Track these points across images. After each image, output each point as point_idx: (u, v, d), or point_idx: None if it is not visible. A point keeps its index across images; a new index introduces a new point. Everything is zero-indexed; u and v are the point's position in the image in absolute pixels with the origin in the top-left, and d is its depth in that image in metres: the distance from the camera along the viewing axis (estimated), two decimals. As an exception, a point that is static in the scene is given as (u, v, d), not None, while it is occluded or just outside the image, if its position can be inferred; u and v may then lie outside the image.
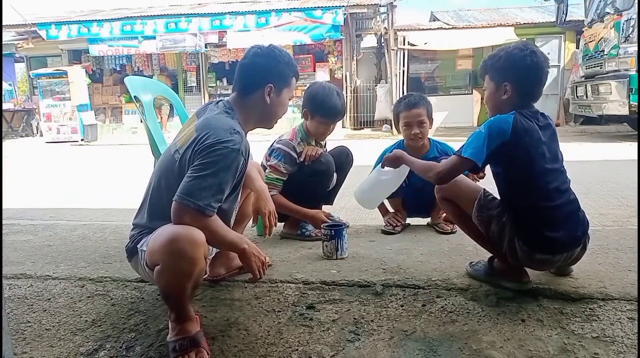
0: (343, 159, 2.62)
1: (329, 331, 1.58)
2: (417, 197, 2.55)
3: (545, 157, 1.63)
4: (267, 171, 2.42)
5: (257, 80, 1.65)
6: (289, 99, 1.77)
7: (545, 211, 1.61)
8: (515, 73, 1.67)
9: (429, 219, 2.70)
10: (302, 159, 2.44)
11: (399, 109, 2.55)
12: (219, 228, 1.50)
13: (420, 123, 2.47)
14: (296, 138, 2.48)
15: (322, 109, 2.42)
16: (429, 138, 2.59)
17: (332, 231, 2.11)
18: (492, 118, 1.70)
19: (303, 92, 2.58)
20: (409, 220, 2.69)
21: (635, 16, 7.26)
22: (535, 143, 1.62)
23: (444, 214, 2.56)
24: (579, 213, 1.67)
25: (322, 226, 2.19)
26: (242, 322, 1.64)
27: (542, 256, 1.63)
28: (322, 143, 2.60)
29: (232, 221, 1.82)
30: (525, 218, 1.64)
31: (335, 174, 2.54)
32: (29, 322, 1.71)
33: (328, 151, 2.62)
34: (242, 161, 1.55)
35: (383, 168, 2.15)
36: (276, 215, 1.89)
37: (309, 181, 2.42)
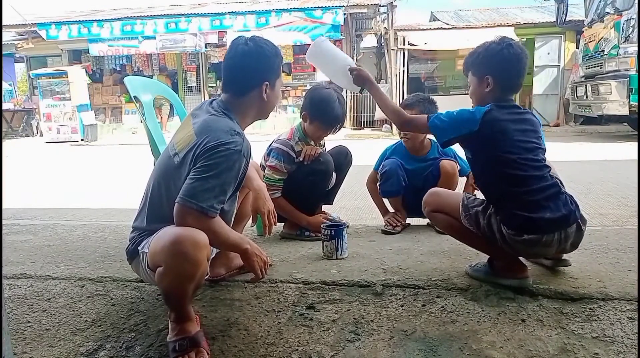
0: (342, 159, 2.61)
1: (329, 331, 1.58)
2: (417, 197, 2.54)
3: (520, 147, 1.67)
4: (266, 171, 2.42)
5: (252, 82, 1.64)
6: (281, 87, 1.77)
7: (523, 196, 1.64)
8: (495, 65, 1.74)
9: (428, 220, 2.70)
10: (301, 159, 2.44)
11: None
12: (221, 229, 1.50)
13: None
14: (294, 138, 2.48)
15: (323, 118, 2.42)
16: (431, 140, 2.59)
17: (332, 231, 2.11)
18: (467, 108, 1.78)
19: (303, 93, 2.58)
20: (408, 220, 2.69)
21: (635, 16, 7.27)
22: (506, 134, 1.67)
23: None
24: (561, 196, 1.67)
25: (322, 226, 2.19)
26: (242, 322, 1.64)
27: (529, 236, 1.63)
28: (321, 142, 2.60)
29: (232, 221, 1.82)
30: (504, 203, 1.67)
31: (334, 174, 2.54)
32: (29, 322, 1.71)
33: (327, 150, 2.62)
34: (244, 162, 1.54)
35: (352, 73, 2.02)
36: (275, 214, 1.89)
37: (308, 180, 2.42)
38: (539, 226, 1.62)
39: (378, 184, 2.63)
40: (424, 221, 2.72)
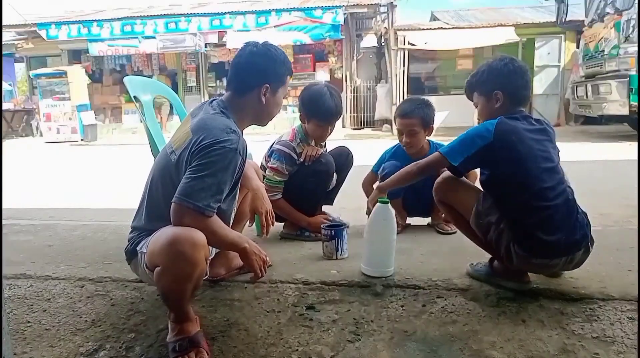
0: (343, 160, 2.61)
1: (329, 331, 1.58)
2: (417, 197, 2.54)
3: (537, 156, 1.64)
4: (267, 173, 2.42)
5: (253, 80, 1.64)
6: (283, 97, 1.76)
7: (540, 211, 1.59)
8: (502, 80, 1.73)
9: (429, 220, 2.69)
10: (302, 160, 2.44)
11: (395, 113, 2.56)
12: (219, 228, 1.49)
13: (410, 133, 2.45)
14: (296, 139, 2.47)
15: (317, 113, 2.41)
16: (429, 141, 2.58)
17: (333, 231, 2.11)
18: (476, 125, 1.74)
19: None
20: (409, 220, 2.69)
21: (635, 16, 7.26)
22: (524, 142, 1.63)
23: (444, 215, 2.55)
24: (578, 216, 1.65)
25: (322, 226, 2.18)
26: (242, 322, 1.63)
27: (538, 260, 1.63)
28: (322, 143, 2.60)
29: (231, 221, 1.82)
30: (521, 220, 1.62)
31: (335, 175, 2.54)
32: (29, 322, 1.71)
33: (328, 151, 2.62)
34: (240, 160, 1.54)
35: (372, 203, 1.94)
36: (273, 214, 1.89)
37: (309, 181, 2.42)
38: (552, 251, 1.61)
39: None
40: (424, 221, 2.72)
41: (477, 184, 1.86)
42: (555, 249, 1.61)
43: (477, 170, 1.86)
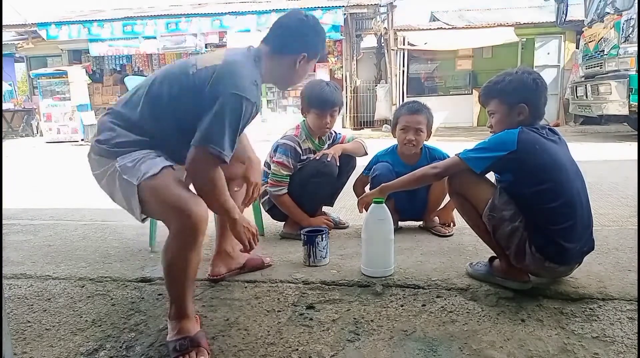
0: (346, 164, 2.61)
1: (329, 331, 1.58)
2: (409, 201, 2.52)
3: (566, 164, 1.66)
4: (273, 168, 2.44)
5: (295, 45, 1.69)
6: (309, 71, 1.80)
7: (568, 219, 1.61)
8: (529, 94, 1.73)
9: (421, 222, 2.67)
10: (307, 157, 2.47)
11: (400, 112, 2.54)
12: (222, 186, 1.53)
13: (417, 131, 2.45)
14: (301, 135, 2.50)
15: (315, 101, 2.45)
16: (421, 147, 2.55)
17: (305, 237, 2.06)
18: (499, 133, 1.74)
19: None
20: (401, 223, 2.66)
21: (635, 16, 7.26)
22: (549, 151, 1.65)
23: (437, 217, 2.55)
24: (591, 230, 1.69)
25: (301, 230, 2.15)
26: (242, 322, 1.64)
27: (550, 264, 1.64)
28: (323, 139, 2.60)
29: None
30: (546, 226, 1.62)
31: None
32: (29, 321, 1.71)
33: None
34: (254, 112, 1.58)
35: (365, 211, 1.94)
36: (260, 189, 1.92)
37: (312, 182, 2.43)
38: (566, 258, 1.63)
39: (368, 188, 2.60)
40: (417, 223, 2.70)
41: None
42: (568, 257, 1.63)
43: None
